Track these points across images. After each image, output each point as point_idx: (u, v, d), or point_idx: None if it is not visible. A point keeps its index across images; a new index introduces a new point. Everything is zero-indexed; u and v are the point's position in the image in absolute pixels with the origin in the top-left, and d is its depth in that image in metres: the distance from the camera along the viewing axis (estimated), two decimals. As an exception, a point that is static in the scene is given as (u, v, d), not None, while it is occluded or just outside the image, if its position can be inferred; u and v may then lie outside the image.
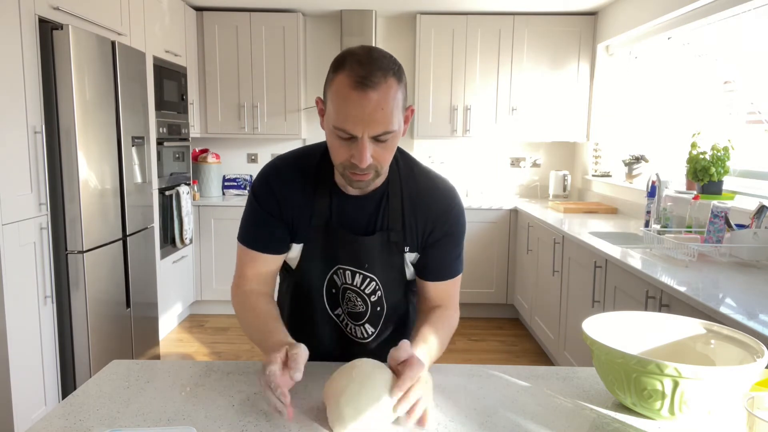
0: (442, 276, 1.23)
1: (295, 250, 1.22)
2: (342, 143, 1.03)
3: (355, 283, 1.23)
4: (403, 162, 1.21)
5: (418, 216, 1.19)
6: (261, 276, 1.22)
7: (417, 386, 0.93)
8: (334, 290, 1.25)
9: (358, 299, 1.24)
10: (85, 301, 2.67)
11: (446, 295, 1.25)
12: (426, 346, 1.10)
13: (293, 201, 1.18)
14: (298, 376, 0.93)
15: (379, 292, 1.24)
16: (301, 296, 1.28)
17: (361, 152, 1.01)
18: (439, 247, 1.21)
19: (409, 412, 0.92)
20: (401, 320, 1.34)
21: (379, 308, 1.26)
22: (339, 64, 1.02)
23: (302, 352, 0.97)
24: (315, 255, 1.21)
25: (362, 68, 0.99)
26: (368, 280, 1.22)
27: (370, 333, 1.28)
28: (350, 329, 1.29)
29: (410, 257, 1.22)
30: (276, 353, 0.97)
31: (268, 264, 1.22)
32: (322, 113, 1.10)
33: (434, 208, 1.20)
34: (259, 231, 1.20)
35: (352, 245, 1.19)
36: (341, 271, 1.22)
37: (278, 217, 1.18)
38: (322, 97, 1.10)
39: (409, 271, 1.25)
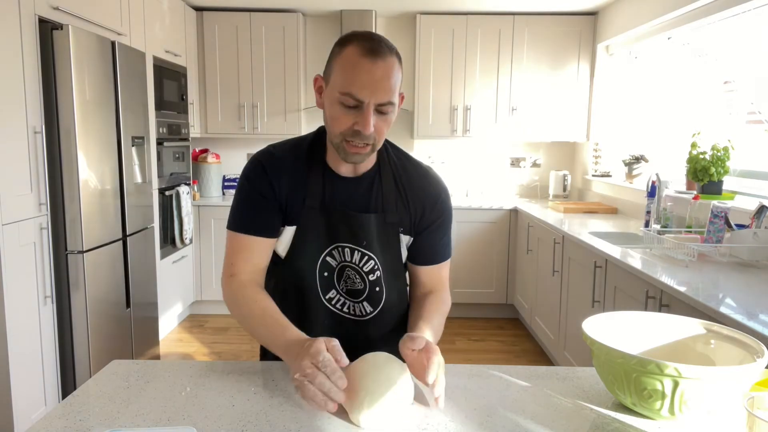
0: (433, 260, 1.29)
1: (287, 234, 1.22)
2: (346, 111, 1.08)
3: (354, 261, 1.23)
4: (392, 149, 1.27)
5: (410, 200, 1.24)
6: (253, 266, 1.21)
7: (442, 370, 0.98)
8: (327, 273, 1.25)
9: (357, 277, 1.25)
10: (85, 301, 2.67)
11: (438, 278, 1.31)
12: (430, 332, 1.14)
13: (286, 182, 1.19)
14: (345, 361, 0.95)
15: (378, 272, 1.25)
16: (291, 287, 1.26)
17: (366, 119, 1.07)
18: (430, 233, 1.27)
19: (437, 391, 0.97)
20: (402, 304, 1.34)
21: (377, 288, 1.26)
22: (345, 40, 1.09)
23: (338, 343, 0.98)
24: (309, 236, 1.21)
25: (371, 42, 1.06)
26: (366, 257, 1.23)
27: (368, 311, 1.28)
28: (348, 308, 1.28)
29: (405, 240, 1.26)
30: (319, 344, 0.95)
31: (261, 251, 1.20)
32: (320, 90, 1.15)
33: (426, 193, 1.25)
34: (252, 214, 1.19)
35: (350, 222, 1.20)
36: (339, 249, 1.22)
37: (271, 199, 1.19)
38: (321, 75, 1.15)
39: (404, 255, 1.29)
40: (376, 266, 1.24)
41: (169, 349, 3.78)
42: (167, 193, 3.76)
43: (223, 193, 4.79)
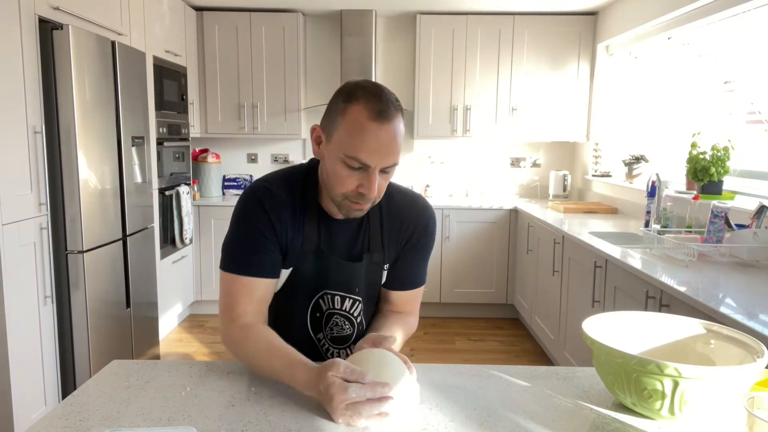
0: (409, 286, 1.28)
1: (282, 275, 1.19)
2: (350, 173, 1.05)
3: (344, 308, 1.22)
4: None
5: (395, 230, 1.22)
6: (257, 305, 1.15)
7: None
8: (318, 314, 1.24)
9: (346, 323, 1.24)
10: (85, 301, 2.67)
11: (409, 302, 1.30)
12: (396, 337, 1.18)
13: (287, 224, 1.15)
14: (370, 377, 0.93)
15: (363, 313, 1.25)
16: (281, 322, 1.24)
17: (372, 183, 1.05)
18: (411, 259, 1.26)
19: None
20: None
21: (361, 328, 1.27)
22: (350, 95, 1.04)
23: (346, 363, 0.96)
24: (303, 279, 1.19)
25: (378, 102, 1.02)
26: (357, 303, 1.23)
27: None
28: (331, 354, 1.27)
29: (385, 269, 1.26)
30: (338, 381, 0.92)
31: (265, 292, 1.15)
32: (319, 141, 1.11)
33: (411, 221, 1.23)
34: (255, 256, 1.13)
35: (343, 271, 1.19)
36: (328, 296, 1.21)
37: (273, 240, 1.14)
38: (319, 124, 1.11)
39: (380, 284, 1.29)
40: (362, 306, 1.25)
41: (169, 349, 3.78)
42: (167, 193, 3.76)
43: (223, 193, 4.79)
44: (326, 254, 1.18)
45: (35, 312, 2.47)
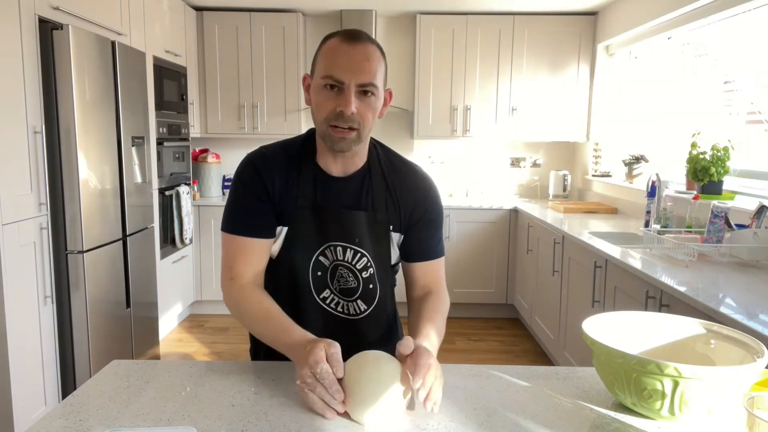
0: (426, 256, 1.29)
1: (280, 235, 1.23)
2: (329, 95, 1.11)
3: (346, 259, 1.24)
4: (381, 150, 1.29)
5: (399, 196, 1.25)
6: (253, 268, 1.21)
7: (430, 373, 0.96)
8: (320, 272, 1.25)
9: (350, 275, 1.25)
10: (85, 301, 2.67)
11: (434, 276, 1.31)
12: (428, 336, 1.14)
13: (279, 182, 1.20)
14: (340, 373, 0.95)
15: (371, 269, 1.25)
16: (284, 287, 1.26)
17: (348, 98, 1.09)
18: (421, 229, 1.27)
19: (426, 397, 0.95)
20: (391, 302, 1.36)
21: (371, 286, 1.26)
22: (327, 37, 1.15)
23: (338, 350, 0.98)
24: (301, 236, 1.22)
25: (351, 31, 1.13)
26: (359, 255, 1.23)
27: (362, 309, 1.28)
28: (342, 307, 1.28)
29: (395, 237, 1.27)
30: (318, 351, 0.96)
31: (260, 252, 1.21)
32: (308, 88, 1.19)
33: (413, 190, 1.27)
34: (248, 216, 1.20)
35: (342, 220, 1.21)
36: (332, 248, 1.23)
37: (266, 200, 1.20)
38: (309, 73, 1.20)
39: (395, 255, 1.29)
40: (369, 264, 1.25)
41: (169, 349, 3.78)
42: (167, 193, 3.76)
43: (223, 193, 4.78)
44: (322, 207, 1.21)
45: (35, 312, 2.47)
